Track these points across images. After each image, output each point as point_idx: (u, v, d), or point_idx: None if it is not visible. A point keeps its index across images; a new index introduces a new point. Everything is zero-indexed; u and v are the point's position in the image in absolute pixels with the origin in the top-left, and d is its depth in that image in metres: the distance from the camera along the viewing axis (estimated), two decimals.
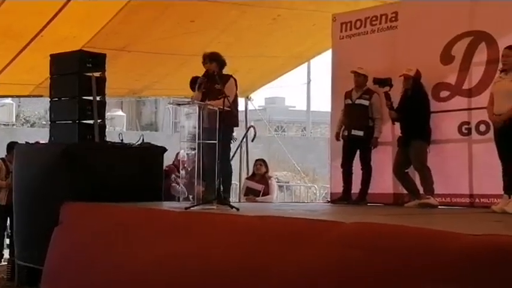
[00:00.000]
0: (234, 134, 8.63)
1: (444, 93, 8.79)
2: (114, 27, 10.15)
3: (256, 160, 11.66)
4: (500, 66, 7.71)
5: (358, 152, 9.20)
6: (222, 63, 8.47)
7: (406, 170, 8.70)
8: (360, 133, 9.08)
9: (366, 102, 9.14)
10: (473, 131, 8.68)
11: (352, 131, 9.12)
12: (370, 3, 10.27)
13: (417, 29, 9.25)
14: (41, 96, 12.00)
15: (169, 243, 6.25)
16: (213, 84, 8.12)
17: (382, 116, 9.19)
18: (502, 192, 7.43)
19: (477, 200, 8.61)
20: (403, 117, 8.74)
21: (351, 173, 9.24)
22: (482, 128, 8.49)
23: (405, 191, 9.02)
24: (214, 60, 8.39)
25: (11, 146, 9.67)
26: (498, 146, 7.47)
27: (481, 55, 8.67)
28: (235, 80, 8.44)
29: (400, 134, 8.79)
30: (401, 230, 4.66)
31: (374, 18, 9.81)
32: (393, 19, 9.59)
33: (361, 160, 9.18)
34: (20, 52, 10.54)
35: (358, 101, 9.18)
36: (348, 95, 9.34)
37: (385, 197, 9.28)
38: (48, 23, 9.80)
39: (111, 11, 9.88)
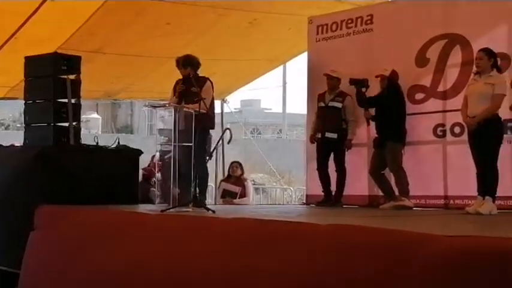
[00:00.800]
0: (212, 136, 8.64)
1: (419, 96, 8.86)
2: (89, 28, 10.11)
3: (232, 162, 11.68)
4: (474, 68, 7.76)
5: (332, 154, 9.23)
6: (196, 65, 8.47)
7: (382, 172, 8.75)
8: (334, 135, 9.12)
9: (339, 105, 9.18)
10: (448, 133, 8.76)
11: (326, 133, 9.16)
12: (346, 6, 10.31)
13: (392, 32, 9.32)
14: (16, 98, 11.90)
15: (145, 246, 6.23)
16: (190, 87, 8.10)
17: (356, 118, 9.23)
18: (476, 194, 7.48)
19: (451, 202, 8.68)
20: (379, 118, 8.78)
21: (327, 175, 9.26)
22: (457, 130, 8.57)
23: (380, 193, 9.06)
24: (188, 65, 8.39)
25: None
26: (472, 147, 7.52)
27: (455, 57, 8.75)
28: (211, 83, 8.46)
29: (376, 135, 8.84)
30: (376, 232, 4.68)
31: (350, 21, 9.86)
32: (369, 22, 9.65)
33: (335, 162, 9.22)
34: None
35: (331, 104, 9.22)
36: (321, 97, 9.39)
37: (360, 199, 9.32)
38: (22, 24, 9.73)
39: (87, 12, 9.84)
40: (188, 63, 8.40)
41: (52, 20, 9.78)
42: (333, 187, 9.22)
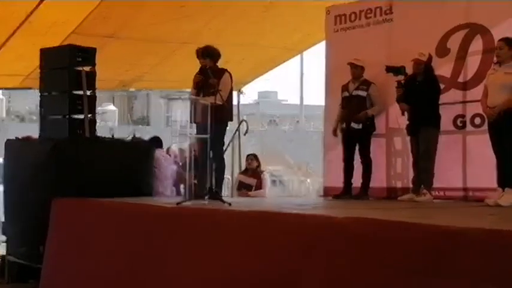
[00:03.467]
0: (227, 128, 8.57)
1: (440, 86, 8.72)
2: (103, 11, 10.00)
3: (248, 155, 11.64)
4: (494, 58, 7.65)
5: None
6: (216, 56, 8.38)
7: None
8: (359, 126, 8.94)
9: (364, 93, 9.02)
10: (468, 124, 8.64)
11: (351, 123, 8.97)
12: None
13: (412, 22, 9.19)
14: (30, 88, 11.86)
15: (161, 238, 6.22)
16: (207, 79, 8.02)
17: (381, 106, 9.10)
18: (496, 186, 7.38)
19: (471, 194, 8.57)
20: (413, 104, 8.52)
21: (352, 167, 9.06)
22: (477, 121, 8.45)
23: (399, 185, 8.96)
24: (207, 56, 8.28)
25: None
26: (492, 138, 7.42)
27: (476, 48, 8.62)
28: (230, 75, 8.37)
29: (408, 122, 8.66)
30: (394, 225, 4.62)
31: (369, 11, 9.75)
32: (388, 12, 9.54)
33: (360, 154, 9.03)
34: (8, 39, 10.37)
35: (355, 93, 9.06)
36: (344, 87, 9.22)
37: (379, 191, 9.22)
38: (35, 8, 9.64)
39: None
40: (208, 54, 8.29)
41: (65, 3, 9.67)
42: (354, 179, 9.05)
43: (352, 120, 8.96)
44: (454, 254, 3.88)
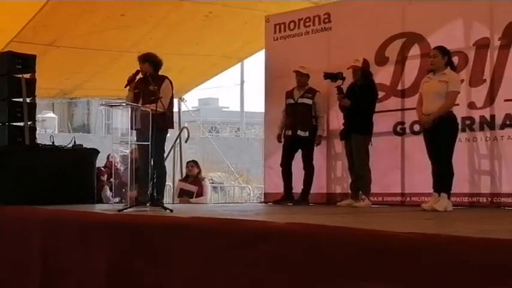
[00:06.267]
0: (168, 135, 8.59)
1: (380, 94, 8.88)
2: (43, 19, 9.92)
3: (188, 162, 11.66)
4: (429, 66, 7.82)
5: (299, 151, 9.16)
6: (157, 64, 8.37)
7: None
8: (306, 134, 9.05)
9: (309, 101, 9.12)
10: (407, 130, 8.83)
11: (298, 131, 9.07)
12: (302, 3, 10.34)
13: (351, 31, 9.35)
14: None
15: (100, 245, 6.18)
16: (147, 85, 8.02)
17: (325, 114, 9.23)
18: (432, 191, 7.56)
19: (408, 199, 8.75)
20: (348, 109, 8.71)
21: (291, 172, 9.18)
22: (416, 127, 8.62)
23: (338, 191, 9.10)
24: (146, 60, 8.27)
25: None
26: (427, 145, 7.58)
27: (414, 56, 8.82)
28: (170, 82, 8.37)
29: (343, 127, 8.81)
30: (335, 230, 4.69)
31: (307, 20, 9.88)
32: (327, 20, 9.68)
33: (303, 160, 9.12)
34: None
35: (301, 100, 9.15)
36: (289, 94, 9.29)
37: (319, 197, 9.34)
38: None
39: (39, 2, 9.65)
40: (147, 59, 8.28)
41: (4, 10, 9.59)
42: (294, 185, 9.16)
43: (299, 128, 9.07)
44: (388, 258, 3.95)
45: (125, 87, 8.27)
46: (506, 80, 8.12)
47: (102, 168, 10.93)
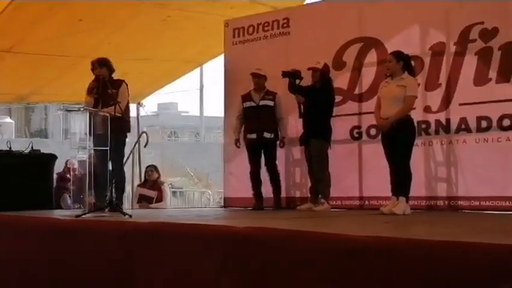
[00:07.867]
0: (127, 140, 8.53)
1: (337, 98, 8.91)
2: (0, 26, 9.83)
3: (147, 166, 11.61)
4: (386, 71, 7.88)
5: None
6: (112, 68, 8.37)
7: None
8: (271, 135, 8.98)
9: (271, 103, 9.03)
10: (364, 134, 8.89)
11: (264, 133, 8.96)
12: (259, 8, 10.36)
13: (309, 35, 9.39)
14: None
15: (58, 251, 6.13)
16: (105, 89, 7.97)
17: (286, 116, 9.18)
18: (390, 194, 7.61)
19: (366, 203, 8.81)
20: (306, 113, 8.74)
21: (260, 180, 9.06)
22: (373, 132, 8.70)
23: (297, 195, 9.12)
24: (104, 65, 8.27)
25: None
26: (385, 149, 7.64)
27: (371, 61, 8.89)
28: (127, 85, 8.35)
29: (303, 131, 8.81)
30: (293, 234, 4.70)
31: (266, 24, 9.90)
32: (285, 25, 9.71)
33: (269, 163, 9.04)
34: None
35: (262, 102, 9.06)
36: (247, 97, 9.18)
37: None
38: None
39: None
40: (104, 63, 8.28)
41: None
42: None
43: (266, 130, 8.98)
44: (346, 261, 3.97)
45: (88, 94, 8.24)
46: (461, 84, 8.23)
47: (66, 175, 10.82)
